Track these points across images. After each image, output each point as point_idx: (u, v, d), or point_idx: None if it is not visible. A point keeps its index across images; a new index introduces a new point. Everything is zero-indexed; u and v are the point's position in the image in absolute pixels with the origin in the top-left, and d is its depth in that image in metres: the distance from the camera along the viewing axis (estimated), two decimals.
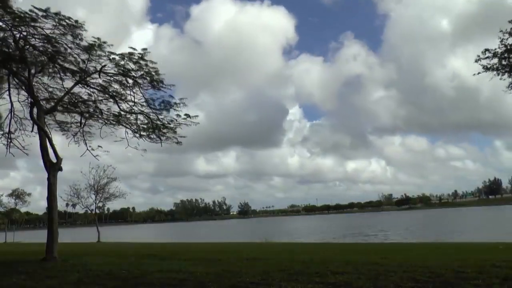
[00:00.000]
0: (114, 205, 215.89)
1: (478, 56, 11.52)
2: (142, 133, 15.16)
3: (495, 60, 11.33)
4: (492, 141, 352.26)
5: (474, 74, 12.04)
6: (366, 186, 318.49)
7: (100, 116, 15.07)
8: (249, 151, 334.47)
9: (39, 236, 40.82)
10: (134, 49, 12.72)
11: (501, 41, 11.04)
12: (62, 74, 13.95)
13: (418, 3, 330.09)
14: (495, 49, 11.23)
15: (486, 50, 11.38)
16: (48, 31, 11.87)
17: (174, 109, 14.29)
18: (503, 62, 11.27)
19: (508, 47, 11.01)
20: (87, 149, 15.50)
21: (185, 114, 14.26)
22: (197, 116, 14.37)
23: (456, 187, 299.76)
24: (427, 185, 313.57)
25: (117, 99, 14.41)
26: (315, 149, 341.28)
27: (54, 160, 13.45)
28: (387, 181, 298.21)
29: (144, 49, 12.85)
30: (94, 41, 12.39)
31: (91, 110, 15.11)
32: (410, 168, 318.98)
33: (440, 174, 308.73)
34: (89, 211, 50.08)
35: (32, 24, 11.51)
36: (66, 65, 13.35)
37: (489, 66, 11.47)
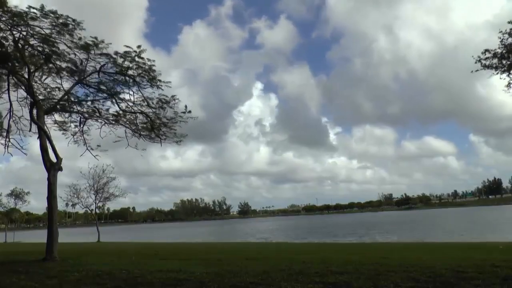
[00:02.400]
0: (114, 205, 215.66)
1: (479, 57, 11.53)
2: (141, 132, 15.18)
3: (495, 60, 11.35)
4: (467, 133, 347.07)
5: (472, 71, 12.03)
6: (352, 186, 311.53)
7: (99, 115, 15.08)
8: (208, 147, 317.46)
9: (39, 236, 40.85)
10: (129, 47, 12.74)
11: (501, 41, 11.05)
12: (60, 74, 13.96)
13: None
14: (495, 49, 11.24)
15: (486, 50, 11.38)
16: (46, 31, 11.87)
17: (170, 107, 14.29)
18: (503, 62, 11.28)
19: (508, 47, 11.02)
20: (87, 148, 15.52)
21: (183, 112, 14.28)
22: (190, 111, 14.42)
23: (441, 185, 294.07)
24: (414, 184, 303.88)
25: (116, 98, 14.42)
26: (270, 146, 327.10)
27: (54, 160, 13.45)
28: (373, 180, 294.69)
29: (138, 46, 12.87)
30: (92, 40, 12.39)
31: (90, 110, 15.12)
32: (392, 167, 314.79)
33: (422, 172, 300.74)
34: (89, 211, 50.10)
35: (31, 23, 11.50)
36: (64, 65, 13.35)
37: (488, 64, 11.47)
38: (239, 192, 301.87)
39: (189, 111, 14.32)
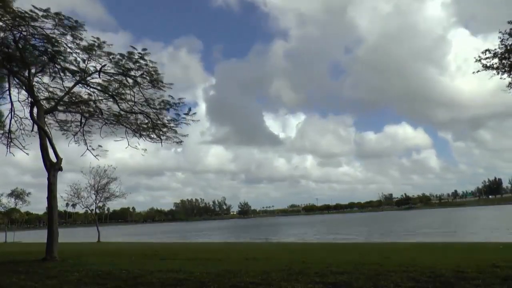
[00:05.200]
0: (114, 205, 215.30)
1: (479, 56, 11.48)
2: (142, 132, 15.18)
3: (496, 60, 11.31)
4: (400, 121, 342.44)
5: (474, 72, 11.98)
6: (333, 185, 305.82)
7: (100, 116, 15.08)
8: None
9: (39, 236, 40.86)
10: (134, 48, 12.75)
11: (501, 41, 11.01)
12: (62, 74, 13.96)
13: None
14: (495, 49, 11.20)
15: (487, 50, 11.33)
16: (48, 31, 11.88)
17: (174, 109, 14.32)
18: (503, 62, 11.24)
19: (508, 47, 10.99)
20: (88, 149, 15.53)
21: (185, 114, 14.31)
22: (195, 113, 14.45)
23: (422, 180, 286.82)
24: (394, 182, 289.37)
25: (117, 98, 14.42)
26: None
27: (54, 160, 13.46)
28: (353, 180, 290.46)
29: (144, 49, 12.89)
30: (94, 41, 12.40)
31: (91, 109, 15.12)
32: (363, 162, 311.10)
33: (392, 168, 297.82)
34: (89, 211, 50.12)
35: (32, 24, 11.50)
36: (67, 65, 13.36)
37: (488, 65, 11.42)
38: (220, 192, 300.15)
39: (194, 113, 14.36)
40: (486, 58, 11.39)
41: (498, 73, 11.53)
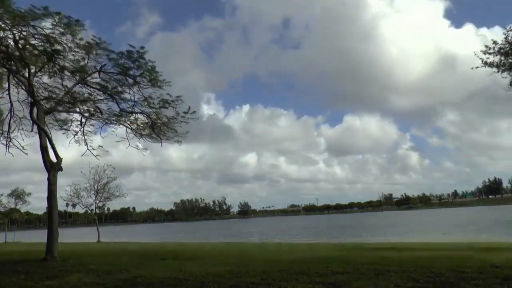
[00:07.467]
0: (114, 205, 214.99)
1: (481, 51, 11.16)
2: (142, 132, 15.17)
3: (497, 58, 11.06)
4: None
5: (473, 68, 11.65)
6: (306, 185, 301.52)
7: (100, 115, 15.08)
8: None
9: (39, 236, 40.84)
10: (133, 47, 12.73)
11: (506, 38, 10.78)
12: (61, 74, 13.94)
13: None
14: (499, 45, 10.90)
15: (494, 42, 10.96)
16: (48, 31, 11.87)
17: (172, 107, 14.26)
18: (509, 60, 10.95)
19: None
20: (88, 148, 15.52)
21: (184, 112, 14.28)
22: (194, 111, 14.42)
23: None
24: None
25: (117, 98, 14.41)
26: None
27: (54, 160, 13.45)
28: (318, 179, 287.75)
29: (142, 47, 12.88)
30: (93, 40, 12.39)
31: (91, 109, 15.11)
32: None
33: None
34: (89, 211, 50.12)
35: (32, 23, 11.50)
36: (66, 64, 13.34)
37: (489, 62, 11.15)
38: (201, 191, 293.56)
39: (193, 112, 14.32)
40: (491, 53, 11.02)
41: (498, 71, 11.26)
